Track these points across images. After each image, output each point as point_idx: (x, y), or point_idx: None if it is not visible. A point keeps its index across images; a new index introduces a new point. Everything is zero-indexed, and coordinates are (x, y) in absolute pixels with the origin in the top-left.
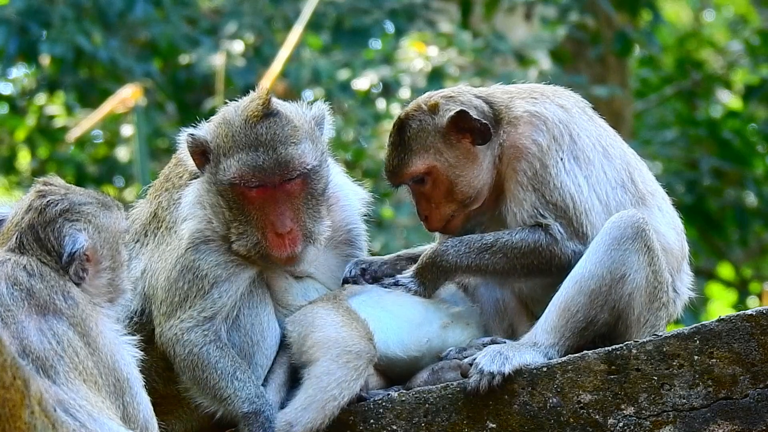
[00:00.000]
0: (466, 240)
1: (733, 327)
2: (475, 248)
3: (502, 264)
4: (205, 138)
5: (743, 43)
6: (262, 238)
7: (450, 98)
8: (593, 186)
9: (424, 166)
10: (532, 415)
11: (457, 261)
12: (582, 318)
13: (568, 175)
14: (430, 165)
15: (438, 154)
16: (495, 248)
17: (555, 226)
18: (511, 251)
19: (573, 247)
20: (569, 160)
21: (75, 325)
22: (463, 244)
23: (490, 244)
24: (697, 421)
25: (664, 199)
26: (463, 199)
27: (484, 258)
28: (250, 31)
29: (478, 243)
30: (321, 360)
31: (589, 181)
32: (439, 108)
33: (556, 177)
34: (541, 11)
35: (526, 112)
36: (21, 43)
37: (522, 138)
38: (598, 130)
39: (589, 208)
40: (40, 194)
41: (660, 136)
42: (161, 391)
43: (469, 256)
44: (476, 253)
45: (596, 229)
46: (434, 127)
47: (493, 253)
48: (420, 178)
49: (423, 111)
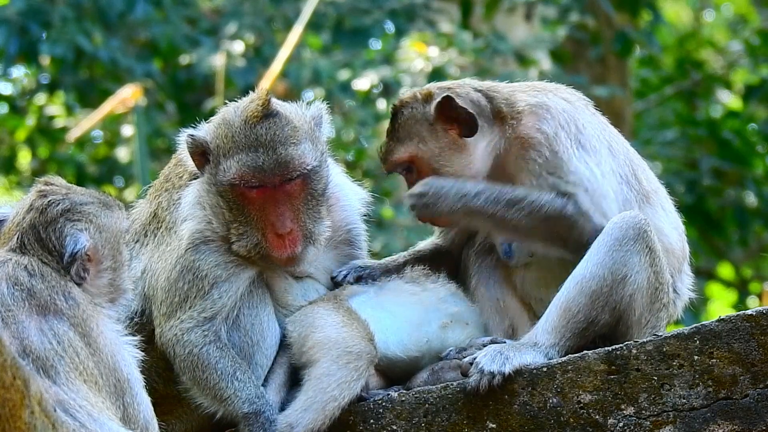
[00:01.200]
0: (498, 189)
1: (733, 327)
2: (503, 199)
3: (526, 222)
4: (205, 139)
5: (743, 43)
6: (262, 239)
7: (447, 89)
8: (605, 174)
9: (407, 155)
10: (532, 415)
11: (484, 206)
12: (583, 318)
13: (580, 161)
14: (413, 154)
15: (422, 142)
16: (523, 204)
17: (581, 195)
18: (537, 211)
19: (596, 221)
20: (577, 148)
21: (76, 325)
22: (492, 190)
23: (520, 198)
24: (697, 421)
25: (667, 198)
26: None
27: (509, 212)
28: (251, 32)
29: (509, 195)
30: (321, 361)
31: (601, 168)
32: (432, 97)
33: (569, 161)
34: (542, 11)
35: (528, 104)
36: (21, 44)
37: (527, 129)
38: (601, 125)
39: (604, 193)
40: (42, 194)
41: (660, 136)
42: (161, 391)
43: (493, 203)
44: (502, 203)
45: (608, 217)
46: (423, 116)
47: (519, 209)
48: (407, 166)
49: (416, 99)
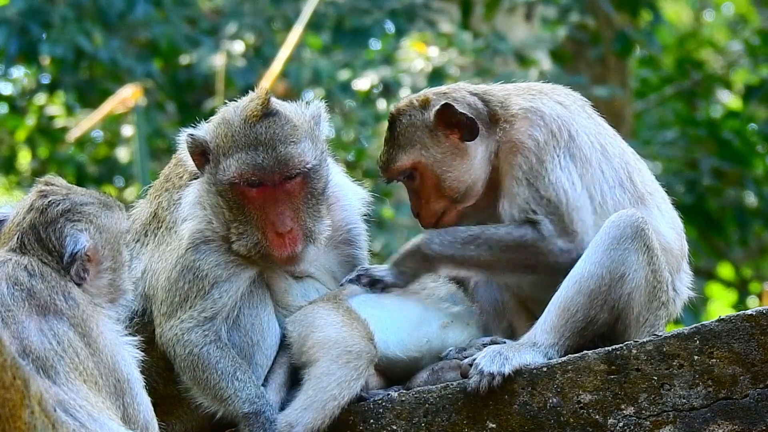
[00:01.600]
0: (452, 231)
1: (733, 327)
2: (460, 239)
3: (487, 257)
4: (205, 138)
5: (743, 43)
6: (262, 238)
7: (443, 94)
8: (587, 184)
9: (410, 162)
10: (532, 415)
11: (441, 250)
12: (581, 318)
13: (563, 171)
14: (416, 160)
15: (424, 149)
16: (480, 240)
17: (544, 222)
18: (496, 244)
19: (561, 245)
20: (565, 157)
21: (75, 325)
22: (449, 234)
23: (476, 235)
24: (697, 421)
25: (664, 198)
26: (452, 195)
27: (468, 250)
28: (251, 32)
29: (464, 234)
30: (321, 360)
31: (584, 180)
32: (430, 103)
33: (552, 172)
34: (542, 11)
35: (522, 108)
36: (21, 44)
37: (518, 133)
38: (597, 128)
39: (580, 206)
40: (42, 194)
41: (660, 136)
42: (161, 391)
43: (454, 247)
44: (461, 244)
45: (586, 227)
46: (422, 123)
47: (478, 246)
48: (409, 173)
49: (414, 106)
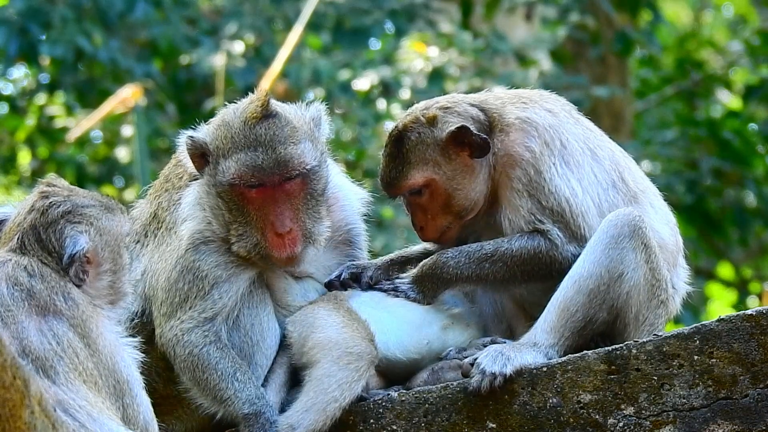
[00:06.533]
0: (466, 250)
1: (733, 327)
2: (475, 258)
3: (503, 272)
4: (204, 140)
5: (743, 43)
6: (262, 239)
7: (447, 109)
8: (586, 188)
9: (422, 179)
10: (532, 415)
11: (458, 272)
12: (581, 317)
13: (562, 179)
14: (429, 178)
15: (437, 167)
16: (495, 257)
17: (554, 230)
18: (511, 259)
19: (572, 250)
20: (561, 165)
21: (75, 326)
22: (462, 254)
23: (490, 253)
24: (697, 421)
25: (655, 194)
26: (460, 211)
27: (484, 268)
28: (251, 32)
29: (479, 253)
30: (322, 361)
31: (582, 184)
32: (438, 120)
33: (551, 182)
34: (542, 11)
35: (517, 118)
36: (21, 44)
37: (515, 145)
38: (585, 132)
39: (585, 210)
40: (43, 195)
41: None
42: (161, 391)
43: (470, 267)
44: (477, 263)
45: (593, 230)
46: (433, 140)
47: (493, 263)
48: (417, 190)
49: (421, 123)
